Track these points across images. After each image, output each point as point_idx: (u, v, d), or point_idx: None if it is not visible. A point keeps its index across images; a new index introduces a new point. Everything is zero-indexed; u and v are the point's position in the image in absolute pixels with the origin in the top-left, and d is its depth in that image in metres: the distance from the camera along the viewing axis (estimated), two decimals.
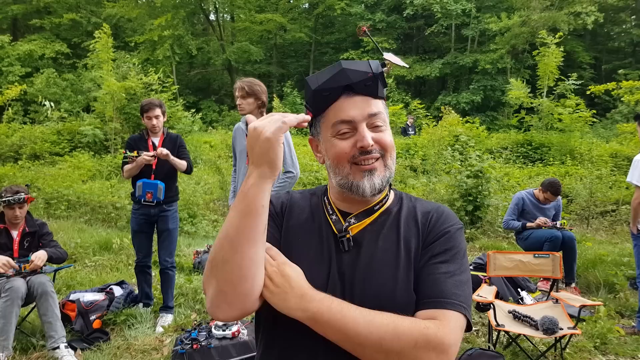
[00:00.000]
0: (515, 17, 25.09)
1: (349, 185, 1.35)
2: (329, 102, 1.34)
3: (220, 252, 1.22)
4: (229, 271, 1.21)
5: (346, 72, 1.30)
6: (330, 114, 1.35)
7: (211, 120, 25.23)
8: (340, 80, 1.30)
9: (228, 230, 1.22)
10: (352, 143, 1.33)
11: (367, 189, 1.33)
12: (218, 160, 14.58)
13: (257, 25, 31.46)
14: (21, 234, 4.62)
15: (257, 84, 4.48)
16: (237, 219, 1.21)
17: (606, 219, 10.33)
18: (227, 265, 1.21)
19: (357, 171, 1.34)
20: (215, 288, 1.24)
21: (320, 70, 1.35)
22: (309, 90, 1.34)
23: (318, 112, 1.37)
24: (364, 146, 1.31)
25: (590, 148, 14.05)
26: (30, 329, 4.77)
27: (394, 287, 1.28)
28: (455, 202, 9.59)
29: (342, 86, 1.31)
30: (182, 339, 4.17)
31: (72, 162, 12.68)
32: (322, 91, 1.32)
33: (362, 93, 1.33)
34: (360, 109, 1.32)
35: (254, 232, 1.22)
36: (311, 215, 1.46)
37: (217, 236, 1.26)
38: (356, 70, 1.30)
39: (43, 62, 25.83)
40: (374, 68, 1.32)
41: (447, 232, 1.36)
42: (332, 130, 1.35)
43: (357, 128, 1.32)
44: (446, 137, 14.91)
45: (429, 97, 29.04)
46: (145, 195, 4.90)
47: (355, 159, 1.33)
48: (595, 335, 4.81)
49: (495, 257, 4.92)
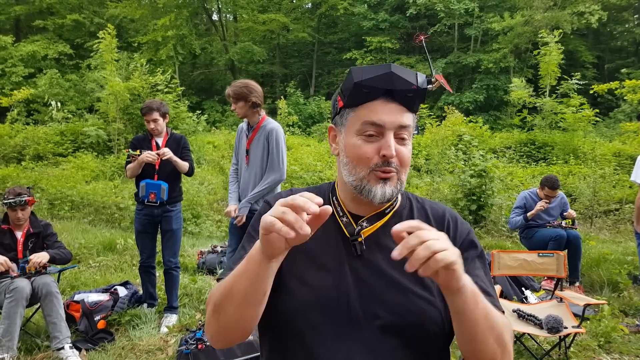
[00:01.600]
0: (518, 17, 25.10)
1: (361, 188, 1.32)
2: (366, 100, 1.30)
3: (224, 304, 1.22)
4: (230, 323, 1.23)
5: (392, 77, 1.26)
6: (362, 111, 1.31)
7: (214, 121, 25.24)
8: (384, 83, 1.26)
9: (234, 289, 1.20)
10: (376, 149, 1.29)
11: (379, 196, 1.30)
12: (221, 161, 14.58)
13: (260, 25, 31.49)
14: (25, 235, 4.62)
15: (244, 86, 4.38)
16: (245, 283, 1.18)
17: (609, 218, 10.32)
18: (229, 316, 1.22)
19: (374, 177, 1.30)
20: (215, 330, 1.27)
21: (368, 65, 1.32)
22: (351, 80, 1.29)
23: (351, 104, 1.33)
24: (386, 155, 1.27)
25: (594, 147, 14.04)
26: (34, 329, 4.77)
27: (414, 289, 1.28)
28: (459, 202, 9.59)
29: (384, 89, 1.27)
30: (187, 339, 4.18)
31: (75, 162, 12.71)
32: (364, 87, 1.27)
33: (400, 102, 1.29)
34: (393, 116, 1.29)
35: (256, 297, 1.19)
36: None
37: (224, 284, 1.24)
38: (403, 78, 1.26)
39: (46, 62, 25.92)
40: (419, 82, 1.28)
41: (471, 239, 1.40)
42: (359, 128, 1.31)
43: (384, 134, 1.29)
44: (449, 136, 14.92)
45: (432, 97, 28.98)
46: (149, 196, 4.90)
47: (375, 167, 1.30)
48: (599, 334, 4.80)
49: (500, 257, 4.91)
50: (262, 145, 4.41)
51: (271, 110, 22.50)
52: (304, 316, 1.27)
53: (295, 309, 1.26)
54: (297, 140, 17.68)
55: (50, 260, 4.53)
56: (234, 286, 1.19)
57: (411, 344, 1.25)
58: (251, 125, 4.50)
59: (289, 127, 20.17)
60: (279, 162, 4.38)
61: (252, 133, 4.46)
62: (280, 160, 4.39)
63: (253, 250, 1.16)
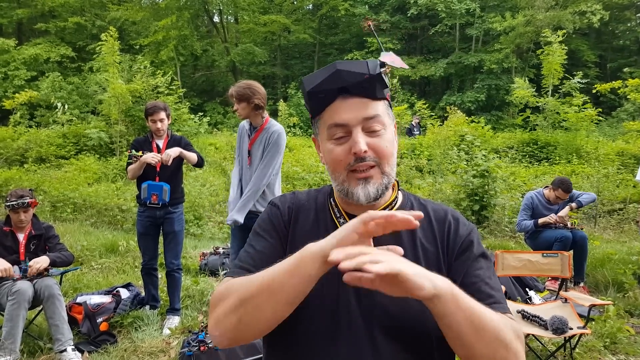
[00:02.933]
0: (520, 17, 25.08)
1: (345, 191, 1.31)
2: (325, 104, 1.29)
3: (257, 299, 1.15)
4: (258, 319, 1.17)
5: (341, 74, 1.24)
6: (325, 115, 1.31)
7: (216, 122, 25.25)
8: (335, 82, 1.25)
9: (273, 285, 1.14)
10: (347, 149, 1.28)
11: (362, 197, 1.28)
12: (223, 162, 14.58)
13: (261, 26, 31.54)
14: (27, 237, 4.62)
15: (248, 87, 4.32)
16: (291, 281, 1.13)
17: (613, 218, 10.28)
18: (260, 311, 1.16)
19: (353, 178, 1.29)
20: (234, 325, 1.19)
21: (315, 71, 1.31)
22: (304, 91, 1.30)
23: (315, 113, 1.33)
24: (356, 152, 1.26)
25: (597, 147, 14.01)
26: (37, 332, 4.77)
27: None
28: (462, 202, 9.57)
29: (336, 88, 1.26)
30: (190, 340, 4.16)
31: (77, 165, 12.74)
32: (317, 93, 1.27)
33: (359, 94, 1.27)
34: (355, 112, 1.27)
35: (297, 296, 1.15)
36: (317, 218, 1.42)
37: (255, 279, 1.18)
38: (351, 71, 1.25)
39: (48, 65, 25.98)
40: (371, 69, 1.25)
41: (472, 239, 1.38)
42: (327, 133, 1.31)
43: (351, 132, 1.28)
44: (451, 137, 14.90)
45: (434, 97, 29.03)
46: (151, 197, 4.88)
47: (351, 167, 1.28)
48: (605, 335, 4.77)
49: (504, 257, 4.89)
50: (263, 147, 4.39)
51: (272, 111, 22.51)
52: (304, 320, 1.25)
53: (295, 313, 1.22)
54: (299, 142, 17.67)
55: (50, 263, 4.53)
56: (274, 281, 1.14)
57: (412, 347, 1.23)
58: (254, 126, 4.47)
59: (290, 128, 20.19)
60: (263, 172, 4.31)
61: (255, 134, 4.43)
62: (264, 171, 4.32)
63: (310, 250, 1.12)
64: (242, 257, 1.37)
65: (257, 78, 32.03)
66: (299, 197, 1.49)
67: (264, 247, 1.37)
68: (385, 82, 1.29)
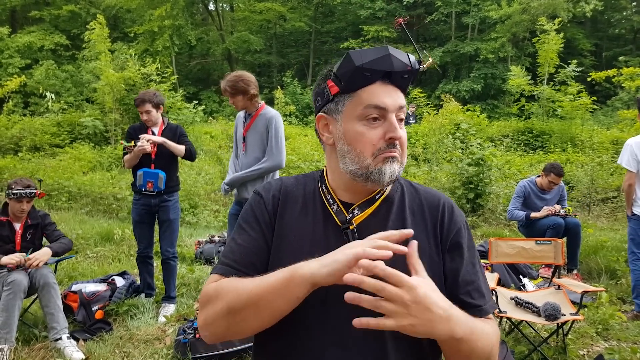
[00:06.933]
0: (516, 5, 25.01)
1: (367, 174, 1.29)
2: (365, 83, 1.28)
3: (245, 313, 1.19)
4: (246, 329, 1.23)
5: (391, 59, 1.25)
6: (363, 95, 1.28)
7: (211, 111, 25.19)
8: (384, 65, 1.25)
9: (261, 302, 1.17)
10: (381, 134, 1.28)
11: (387, 174, 1.28)
12: (219, 151, 14.56)
13: (257, 14, 31.42)
14: (24, 227, 4.59)
15: (240, 79, 4.34)
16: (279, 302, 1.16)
17: (607, 206, 10.33)
18: (248, 324, 1.21)
19: (380, 159, 1.28)
20: (224, 330, 1.24)
21: (363, 48, 1.30)
22: (351, 65, 1.26)
23: (349, 89, 1.30)
24: (394, 137, 1.27)
25: (591, 135, 14.02)
26: (32, 320, 4.77)
27: None
28: (457, 190, 9.59)
29: (384, 71, 1.26)
30: (185, 328, 4.18)
31: (72, 153, 12.71)
32: (364, 70, 1.25)
33: (396, 84, 1.30)
34: (393, 99, 1.29)
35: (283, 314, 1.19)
36: (305, 205, 1.40)
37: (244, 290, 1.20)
38: (400, 59, 1.26)
39: (42, 53, 25.86)
40: (412, 62, 1.28)
41: (462, 232, 1.39)
42: (361, 113, 1.28)
43: (386, 117, 1.28)
44: (447, 125, 14.91)
45: (430, 86, 28.96)
46: (146, 185, 4.88)
47: (381, 152, 1.28)
48: (597, 321, 4.81)
49: (497, 244, 4.91)
50: (259, 133, 4.40)
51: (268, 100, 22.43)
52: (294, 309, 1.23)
53: None
54: (295, 130, 17.65)
55: (53, 255, 4.51)
56: (261, 299, 1.16)
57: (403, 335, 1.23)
58: (249, 113, 4.49)
59: (286, 117, 20.18)
60: (278, 149, 4.36)
61: (250, 120, 4.44)
62: (279, 148, 4.37)
63: (300, 272, 1.13)
64: (226, 252, 1.38)
65: (253, 66, 32.02)
66: (286, 184, 1.46)
67: (246, 240, 1.36)
68: (415, 79, 1.33)
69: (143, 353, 4.18)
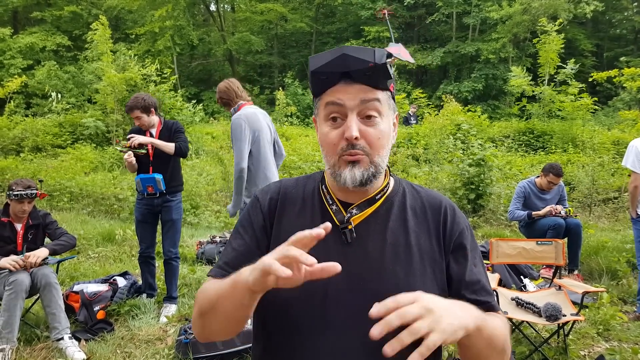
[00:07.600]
0: (516, 5, 24.99)
1: (334, 174, 1.29)
2: (326, 86, 1.27)
3: (208, 315, 1.26)
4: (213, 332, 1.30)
5: (346, 58, 1.22)
6: (324, 97, 1.29)
7: (213, 112, 25.19)
8: (339, 66, 1.23)
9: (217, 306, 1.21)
10: (340, 134, 1.26)
11: (349, 180, 1.26)
12: (220, 151, 14.56)
13: (258, 15, 31.41)
14: (25, 227, 4.59)
15: (219, 91, 4.74)
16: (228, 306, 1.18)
17: (608, 206, 10.33)
18: (212, 326, 1.28)
19: (343, 162, 1.27)
20: (200, 331, 1.33)
21: (322, 52, 1.30)
22: (309, 70, 1.28)
23: (316, 93, 1.32)
24: (348, 137, 1.24)
25: (592, 135, 14.02)
26: (34, 320, 4.79)
27: (409, 284, 1.23)
28: (458, 191, 9.59)
29: (339, 72, 1.24)
30: (186, 328, 4.18)
31: (74, 154, 12.72)
32: (320, 74, 1.25)
33: (361, 82, 1.25)
34: (352, 95, 1.25)
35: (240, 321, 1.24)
36: (304, 206, 1.40)
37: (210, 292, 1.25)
38: (357, 57, 1.22)
39: (44, 54, 25.90)
40: (377, 58, 1.22)
41: (466, 234, 1.38)
42: (324, 112, 1.29)
43: (347, 116, 1.26)
44: (448, 126, 14.90)
45: (431, 86, 28.95)
46: (147, 190, 4.91)
47: (342, 152, 1.26)
48: (598, 322, 4.81)
49: (498, 245, 4.91)
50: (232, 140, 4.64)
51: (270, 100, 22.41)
52: (292, 308, 1.26)
53: (282, 302, 1.24)
54: (296, 131, 17.63)
55: (51, 253, 4.51)
56: (217, 303, 1.20)
57: None
58: None
59: (287, 118, 20.15)
60: (237, 153, 4.48)
61: None
62: (238, 151, 4.47)
63: (241, 277, 1.10)
64: (222, 255, 1.40)
65: (254, 67, 32.05)
66: (286, 185, 1.46)
67: (240, 244, 1.37)
68: (389, 73, 1.28)
69: (144, 353, 4.19)
